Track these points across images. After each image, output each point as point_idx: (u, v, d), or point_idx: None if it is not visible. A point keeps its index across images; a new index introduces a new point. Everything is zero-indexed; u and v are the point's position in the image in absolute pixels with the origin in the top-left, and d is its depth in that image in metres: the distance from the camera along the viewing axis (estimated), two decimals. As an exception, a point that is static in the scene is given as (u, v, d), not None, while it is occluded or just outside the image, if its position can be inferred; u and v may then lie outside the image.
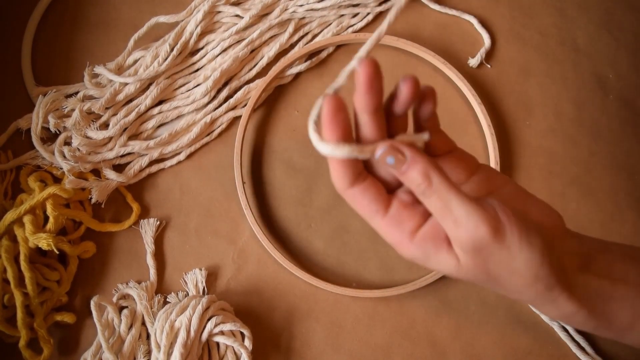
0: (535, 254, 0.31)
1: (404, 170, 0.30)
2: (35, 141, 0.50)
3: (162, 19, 0.54)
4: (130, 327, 0.47)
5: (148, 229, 0.50)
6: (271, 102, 0.55)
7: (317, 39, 0.56)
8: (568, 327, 0.50)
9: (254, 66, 0.55)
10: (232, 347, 0.46)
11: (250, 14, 0.54)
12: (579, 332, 0.50)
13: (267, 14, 0.56)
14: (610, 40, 0.59)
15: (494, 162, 0.53)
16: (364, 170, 0.32)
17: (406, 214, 0.32)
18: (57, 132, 0.51)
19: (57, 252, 0.46)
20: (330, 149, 0.30)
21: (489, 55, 0.58)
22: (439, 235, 0.31)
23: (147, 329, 0.47)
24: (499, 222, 0.30)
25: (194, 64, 0.54)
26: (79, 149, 0.50)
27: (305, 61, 0.56)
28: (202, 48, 0.55)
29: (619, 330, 0.35)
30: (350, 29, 0.57)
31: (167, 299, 0.49)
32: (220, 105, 0.54)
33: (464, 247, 0.30)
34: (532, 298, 0.33)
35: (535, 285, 0.32)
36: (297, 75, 0.56)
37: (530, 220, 0.32)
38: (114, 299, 0.48)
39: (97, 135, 0.50)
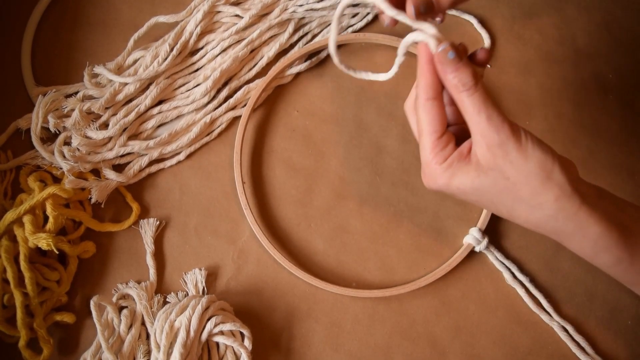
0: (547, 156, 0.35)
1: (459, 67, 0.35)
2: (35, 141, 0.50)
3: (162, 19, 0.54)
4: (130, 327, 0.47)
5: (148, 229, 0.50)
6: (271, 102, 0.55)
7: (317, 39, 0.56)
8: (568, 327, 0.50)
9: (254, 66, 0.55)
10: (232, 347, 0.46)
11: (250, 13, 0.54)
12: (579, 332, 0.50)
13: (267, 14, 0.56)
14: (610, 40, 0.59)
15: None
16: (442, 95, 0.38)
17: (450, 145, 0.37)
18: (57, 132, 0.51)
19: (57, 252, 0.46)
20: (413, 22, 0.36)
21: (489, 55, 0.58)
22: (463, 153, 0.37)
23: (146, 329, 0.47)
24: (518, 127, 0.35)
25: (193, 63, 0.54)
26: (78, 149, 0.50)
27: (305, 61, 0.56)
28: (201, 48, 0.55)
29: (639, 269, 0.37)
30: (350, 29, 0.57)
31: (167, 299, 0.49)
32: (220, 105, 0.54)
33: (489, 140, 0.35)
34: (553, 210, 0.35)
35: (551, 188, 0.35)
36: (297, 75, 0.56)
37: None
38: (114, 299, 0.48)
39: (97, 135, 0.50)
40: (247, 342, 0.46)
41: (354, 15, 0.57)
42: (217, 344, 0.47)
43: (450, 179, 0.37)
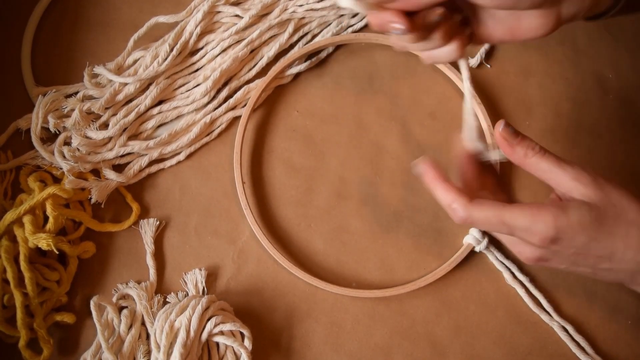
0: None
1: (521, 137, 0.39)
2: (35, 141, 0.50)
3: (162, 19, 0.54)
4: (130, 327, 0.47)
5: (148, 229, 0.50)
6: (271, 102, 0.55)
7: (316, 39, 0.56)
8: (568, 327, 0.50)
9: (254, 66, 0.55)
10: (232, 347, 0.46)
11: (250, 14, 0.54)
12: (579, 332, 0.50)
13: (266, 14, 0.56)
14: (610, 40, 0.59)
15: (493, 162, 0.53)
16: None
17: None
18: (57, 132, 0.50)
19: (57, 252, 0.46)
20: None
21: (489, 55, 0.58)
22: (556, 199, 0.39)
23: (146, 329, 0.47)
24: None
25: (193, 64, 0.54)
26: (78, 149, 0.50)
27: (305, 61, 0.56)
28: (201, 48, 0.55)
29: None
30: (350, 29, 0.57)
31: (167, 299, 0.49)
32: (220, 105, 0.54)
33: (584, 180, 0.37)
34: None
35: None
36: (297, 75, 0.56)
37: None
38: (114, 299, 0.48)
39: (97, 135, 0.50)
40: (247, 342, 0.46)
41: (354, 16, 0.57)
42: (217, 344, 0.47)
43: (566, 212, 0.36)
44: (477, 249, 0.51)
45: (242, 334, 0.47)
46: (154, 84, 0.53)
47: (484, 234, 0.51)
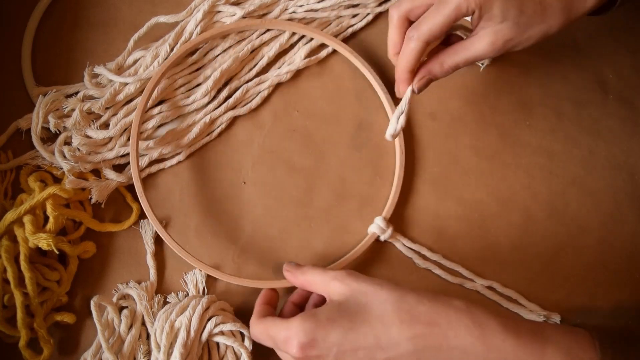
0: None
1: (301, 265, 0.46)
2: (35, 141, 0.50)
3: (162, 19, 0.54)
4: (130, 327, 0.47)
5: (148, 229, 0.50)
6: (271, 102, 0.55)
7: (316, 39, 0.56)
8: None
9: (254, 66, 0.55)
10: (232, 347, 0.46)
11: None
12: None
13: (266, 14, 0.56)
14: (610, 40, 0.59)
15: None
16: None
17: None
18: (57, 132, 0.50)
19: (57, 252, 0.46)
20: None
21: (489, 55, 0.58)
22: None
23: (147, 329, 0.47)
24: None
25: (194, 63, 0.54)
26: (79, 149, 0.50)
27: (305, 59, 0.55)
28: (201, 48, 0.55)
29: None
30: (350, 29, 0.57)
31: (167, 299, 0.49)
32: (220, 105, 0.54)
33: (340, 278, 0.41)
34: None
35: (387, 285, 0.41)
36: (297, 75, 0.56)
37: None
38: (114, 299, 0.48)
39: (97, 135, 0.50)
40: (247, 342, 0.46)
41: (354, 16, 0.57)
42: (218, 344, 0.47)
43: (314, 314, 0.39)
44: (382, 238, 0.51)
45: (242, 334, 0.47)
46: (154, 84, 0.52)
47: (389, 222, 0.51)
